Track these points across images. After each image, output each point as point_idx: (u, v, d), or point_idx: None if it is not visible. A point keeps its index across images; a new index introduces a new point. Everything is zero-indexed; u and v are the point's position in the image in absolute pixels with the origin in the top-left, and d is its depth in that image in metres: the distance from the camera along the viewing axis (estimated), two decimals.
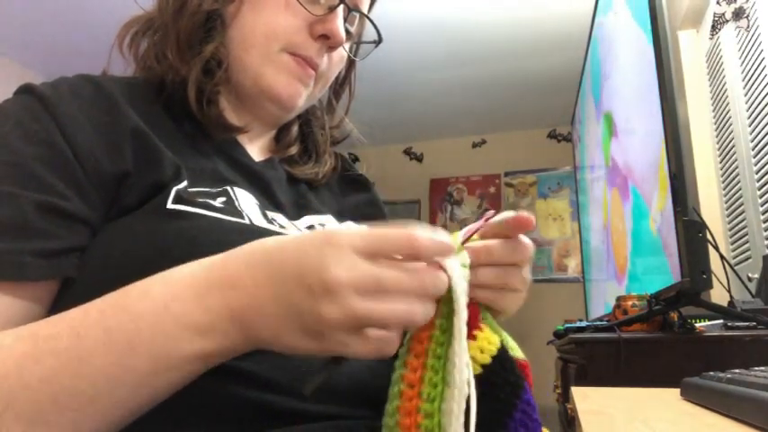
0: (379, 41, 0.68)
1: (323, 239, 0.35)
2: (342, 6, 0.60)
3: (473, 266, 0.40)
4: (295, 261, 0.35)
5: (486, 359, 0.38)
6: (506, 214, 0.41)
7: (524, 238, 0.42)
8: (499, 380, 0.38)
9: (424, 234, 0.36)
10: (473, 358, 0.38)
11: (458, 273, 0.38)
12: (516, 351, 0.44)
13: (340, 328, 0.34)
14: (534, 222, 0.41)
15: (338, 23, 0.59)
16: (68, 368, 0.36)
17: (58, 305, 0.46)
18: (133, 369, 0.36)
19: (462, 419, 0.35)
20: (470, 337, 0.39)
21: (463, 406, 0.35)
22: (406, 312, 0.35)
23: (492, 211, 0.43)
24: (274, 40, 0.58)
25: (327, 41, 0.60)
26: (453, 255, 0.38)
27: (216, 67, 0.58)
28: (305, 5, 0.58)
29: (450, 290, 0.37)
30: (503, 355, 0.39)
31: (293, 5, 0.58)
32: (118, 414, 0.37)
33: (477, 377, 0.37)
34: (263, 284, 0.36)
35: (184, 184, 0.50)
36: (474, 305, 0.41)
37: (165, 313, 0.37)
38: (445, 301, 0.38)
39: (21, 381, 0.36)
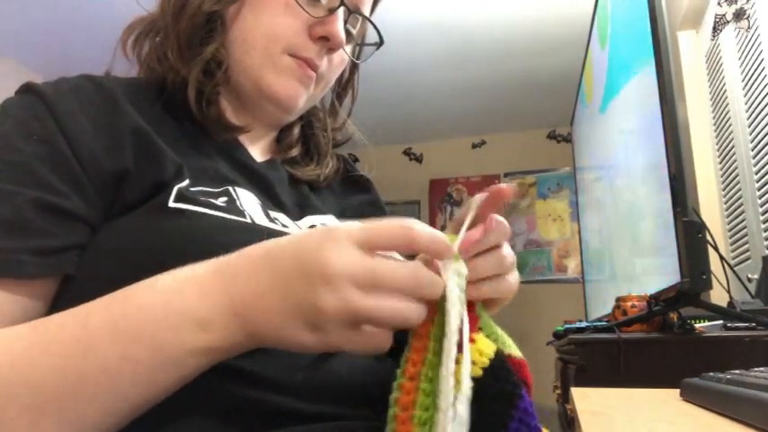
0: (380, 44, 0.68)
1: (321, 233, 0.37)
2: (342, 8, 0.60)
3: (467, 260, 0.40)
4: (294, 253, 0.37)
5: (478, 372, 0.37)
6: (480, 196, 0.42)
7: (498, 218, 0.43)
8: (492, 391, 0.37)
9: (421, 227, 0.37)
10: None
11: (453, 282, 0.38)
12: (513, 349, 0.44)
13: (337, 321, 0.35)
14: (512, 190, 0.42)
15: (338, 25, 0.59)
16: (74, 359, 0.37)
17: (58, 302, 0.46)
18: (136, 360, 0.37)
19: None
20: (462, 351, 0.38)
21: (450, 429, 0.34)
22: (401, 310, 0.36)
23: (478, 197, 0.43)
24: (275, 42, 0.58)
25: (327, 43, 0.60)
26: (450, 255, 0.38)
27: (216, 68, 0.58)
28: (305, 7, 0.58)
29: (444, 312, 0.37)
30: (496, 364, 0.38)
31: (293, 7, 0.58)
32: (121, 408, 0.37)
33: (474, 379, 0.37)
34: (264, 278, 0.37)
35: (186, 182, 0.50)
36: (472, 314, 0.40)
37: (170, 306, 0.37)
38: (438, 324, 0.38)
39: (27, 371, 0.36)
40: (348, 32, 0.64)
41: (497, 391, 0.37)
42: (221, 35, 0.59)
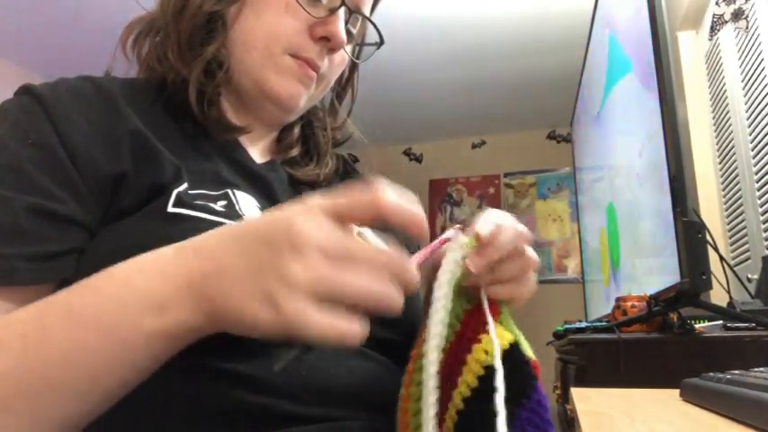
0: (380, 43, 0.68)
1: (292, 205, 0.35)
2: (343, 8, 0.60)
3: (492, 264, 0.42)
4: (264, 224, 0.35)
5: (490, 361, 0.37)
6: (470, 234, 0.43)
7: (518, 224, 0.45)
8: (506, 380, 0.37)
9: (390, 197, 0.35)
10: (477, 360, 0.38)
11: (446, 276, 0.38)
12: (529, 351, 0.44)
13: (301, 291, 0.32)
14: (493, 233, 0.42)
15: (339, 26, 0.59)
16: (31, 350, 0.36)
17: None
18: (92, 349, 0.35)
19: None
20: (476, 340, 0.39)
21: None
22: (371, 289, 0.33)
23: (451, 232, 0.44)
24: (276, 43, 0.58)
25: (328, 43, 0.60)
26: (421, 227, 0.37)
27: (217, 68, 0.58)
28: (305, 7, 0.58)
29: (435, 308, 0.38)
30: (512, 354, 0.38)
31: (294, 7, 0.58)
32: (82, 401, 0.36)
33: (481, 378, 0.37)
34: (230, 251, 0.35)
35: (185, 186, 0.50)
36: (494, 303, 0.41)
37: (126, 288, 0.36)
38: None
39: None
40: (348, 32, 0.64)
41: (511, 380, 0.36)
42: (222, 35, 0.59)
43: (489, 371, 0.37)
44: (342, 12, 0.60)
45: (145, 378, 0.38)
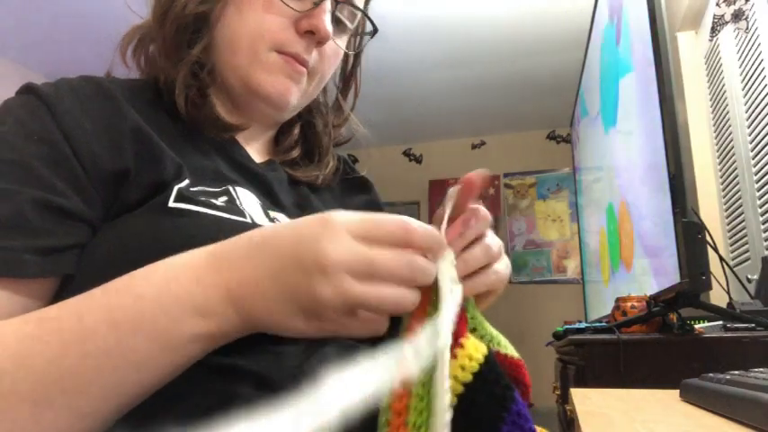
0: (374, 32, 0.68)
1: (319, 222, 0.37)
2: (328, 0, 0.60)
3: (457, 255, 0.41)
4: (291, 242, 0.37)
5: (468, 377, 0.37)
6: (454, 189, 0.44)
7: (478, 207, 0.45)
8: (483, 395, 0.37)
9: (418, 224, 0.38)
10: (454, 377, 0.37)
11: (445, 279, 0.38)
12: (509, 349, 0.44)
13: (333, 309, 0.36)
14: (483, 178, 0.43)
15: (324, 18, 0.59)
16: (72, 348, 0.37)
17: (58, 302, 0.46)
18: (135, 349, 0.37)
19: None
20: (452, 355, 0.38)
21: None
22: (396, 298, 0.37)
23: (452, 190, 0.45)
24: (260, 41, 0.58)
25: (314, 37, 0.59)
26: (445, 252, 0.39)
27: (199, 70, 0.58)
28: (288, 3, 0.58)
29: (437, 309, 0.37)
30: (487, 368, 0.38)
31: (277, 4, 0.58)
32: (119, 397, 0.38)
33: (459, 396, 0.36)
34: (260, 265, 0.37)
35: (186, 182, 0.50)
36: (462, 315, 0.40)
37: (167, 294, 0.38)
38: (431, 323, 0.38)
39: (26, 361, 0.36)
40: (341, 23, 0.63)
41: (489, 395, 0.36)
42: (207, 36, 0.59)
43: (467, 387, 0.36)
44: (327, 4, 0.60)
45: (177, 375, 0.40)
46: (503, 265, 0.46)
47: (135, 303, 0.38)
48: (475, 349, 0.38)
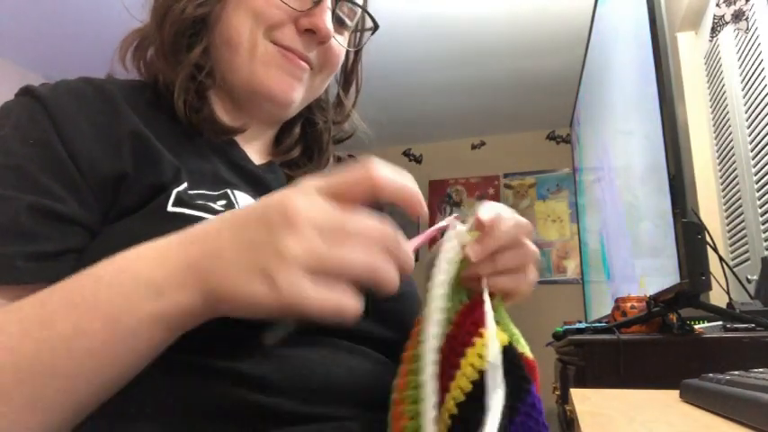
0: (375, 28, 0.68)
1: (287, 188, 0.36)
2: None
3: (488, 256, 0.42)
4: (260, 206, 0.36)
5: (484, 365, 0.37)
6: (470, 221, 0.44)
7: (518, 216, 0.45)
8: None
9: (386, 173, 0.36)
10: (471, 365, 0.38)
11: (442, 271, 0.38)
12: (526, 350, 0.44)
13: (297, 266, 0.33)
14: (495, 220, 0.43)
15: (325, 17, 0.59)
16: (30, 335, 0.36)
17: None
18: (92, 331, 0.35)
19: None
20: (469, 343, 0.39)
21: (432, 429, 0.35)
22: (366, 262, 0.34)
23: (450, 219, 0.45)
24: (257, 30, 0.58)
25: (315, 36, 0.60)
26: (419, 206, 0.38)
27: (197, 72, 0.58)
28: (287, 2, 0.58)
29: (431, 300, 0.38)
30: (506, 358, 0.38)
31: (276, 2, 0.58)
32: (80, 390, 0.36)
33: (474, 383, 0.37)
34: (225, 235, 0.36)
35: (184, 186, 0.50)
36: (479, 305, 0.41)
37: (125, 273, 0.37)
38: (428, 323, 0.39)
39: None
40: (342, 21, 0.63)
41: (505, 384, 0.36)
42: (206, 38, 0.59)
43: (484, 375, 0.36)
44: (328, 2, 0.60)
45: (143, 367, 0.38)
46: (531, 273, 0.47)
47: (93, 284, 0.37)
48: (500, 333, 0.39)
